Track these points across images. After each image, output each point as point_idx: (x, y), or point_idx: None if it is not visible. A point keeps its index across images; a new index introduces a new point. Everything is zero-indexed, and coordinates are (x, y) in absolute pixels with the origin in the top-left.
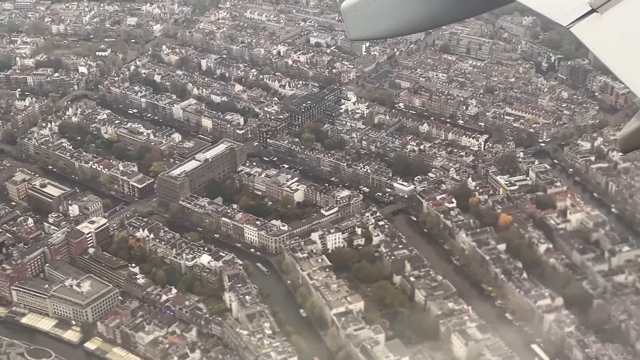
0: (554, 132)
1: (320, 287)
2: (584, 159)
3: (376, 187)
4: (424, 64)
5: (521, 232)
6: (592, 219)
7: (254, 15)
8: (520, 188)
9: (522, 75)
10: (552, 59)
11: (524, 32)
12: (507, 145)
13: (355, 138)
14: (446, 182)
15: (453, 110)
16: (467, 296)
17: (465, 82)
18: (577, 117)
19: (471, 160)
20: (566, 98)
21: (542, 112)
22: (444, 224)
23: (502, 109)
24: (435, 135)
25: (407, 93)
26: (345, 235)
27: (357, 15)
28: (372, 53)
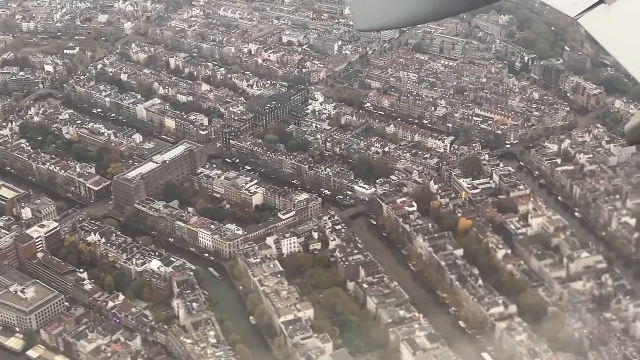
0: (521, 133)
1: (270, 294)
2: (550, 162)
3: (337, 189)
4: (395, 63)
5: (480, 237)
6: (553, 224)
7: (228, 13)
8: (483, 191)
9: (493, 75)
10: (526, 58)
11: (500, 31)
12: (473, 147)
13: (320, 139)
14: (408, 185)
15: (421, 111)
16: (422, 303)
17: (436, 82)
18: (546, 119)
19: (435, 162)
20: (537, 99)
21: (511, 113)
22: (402, 228)
23: (471, 110)
24: (402, 137)
25: (375, 93)
26: (302, 239)
27: (363, 6)
28: (344, 52)
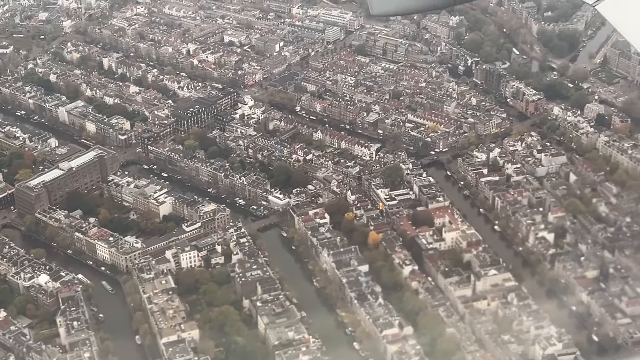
0: (452, 141)
1: (156, 312)
2: (476, 172)
3: (252, 199)
4: (335, 65)
5: (388, 252)
6: (467, 238)
7: (172, 11)
8: (401, 203)
9: (433, 79)
10: (469, 62)
11: (448, 32)
12: (398, 155)
13: (242, 146)
14: (324, 196)
15: (353, 117)
16: (318, 323)
17: (373, 87)
18: (480, 126)
19: (357, 171)
20: (474, 105)
21: (444, 120)
22: (311, 241)
23: (404, 116)
24: (329, 144)
25: (309, 97)
26: (204, 253)
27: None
28: (283, 54)
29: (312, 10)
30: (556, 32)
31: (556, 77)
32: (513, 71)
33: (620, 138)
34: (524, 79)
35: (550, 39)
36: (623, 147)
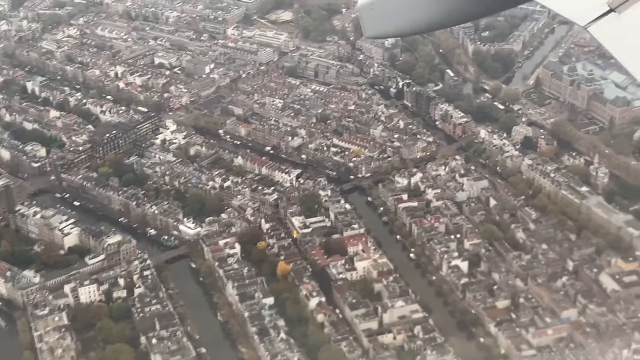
0: (375, 166)
1: (45, 351)
2: (395, 197)
3: (164, 229)
4: (265, 88)
5: (296, 283)
6: (378, 268)
7: (105, 33)
8: (315, 231)
9: (363, 102)
10: (400, 84)
11: (383, 53)
12: (318, 181)
13: (159, 172)
14: (237, 224)
15: (277, 141)
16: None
17: (301, 110)
18: (404, 150)
19: (275, 198)
20: (401, 128)
21: (370, 144)
22: (218, 273)
23: (329, 140)
24: (249, 169)
25: (233, 121)
26: (106, 286)
27: (373, 13)
28: (212, 76)
29: (248, 31)
30: (491, 53)
31: (486, 99)
32: (444, 93)
33: (544, 161)
34: (455, 101)
35: (485, 59)
36: (546, 171)
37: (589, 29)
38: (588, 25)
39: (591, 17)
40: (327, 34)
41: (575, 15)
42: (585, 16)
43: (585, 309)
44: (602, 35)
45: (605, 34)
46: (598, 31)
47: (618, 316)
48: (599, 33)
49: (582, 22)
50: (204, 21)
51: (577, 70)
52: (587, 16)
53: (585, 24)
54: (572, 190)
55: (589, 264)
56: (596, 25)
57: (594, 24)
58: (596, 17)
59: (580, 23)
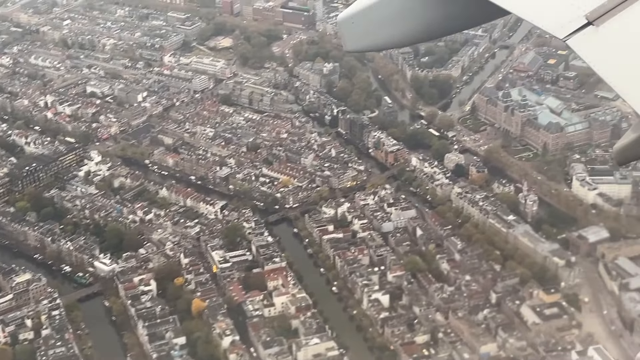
0: (303, 196)
1: None
2: (320, 229)
3: (79, 265)
4: (197, 116)
5: (210, 321)
6: (296, 303)
7: (38, 61)
8: (235, 265)
9: (296, 130)
10: (335, 111)
11: (320, 80)
12: (243, 213)
13: (79, 206)
14: (154, 260)
15: (205, 171)
16: None
17: (232, 138)
18: (334, 179)
19: (197, 231)
20: (333, 156)
21: (299, 173)
22: (130, 311)
23: (258, 170)
24: (174, 201)
25: (161, 151)
26: (12, 328)
27: (353, 28)
28: (144, 104)
29: (185, 58)
30: (429, 79)
31: (419, 126)
32: (379, 120)
33: (473, 189)
34: (389, 128)
35: (423, 85)
36: (474, 199)
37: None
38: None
39: (569, 30)
40: (265, 61)
41: (553, 29)
42: (564, 29)
43: (505, 343)
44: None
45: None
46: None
47: (538, 350)
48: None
49: (560, 35)
50: (141, 48)
51: (512, 96)
52: (565, 29)
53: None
54: (499, 219)
55: (512, 296)
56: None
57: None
58: (574, 30)
59: (558, 36)
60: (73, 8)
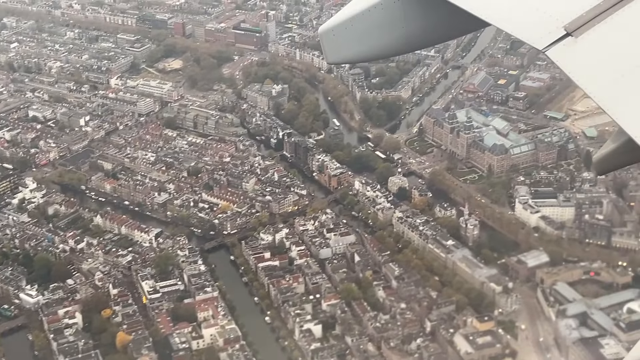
0: (242, 222)
1: None
2: (256, 256)
3: (5, 297)
4: (140, 140)
5: (134, 355)
6: (225, 335)
7: None
8: (165, 295)
9: (239, 154)
10: (281, 134)
11: (268, 102)
12: (177, 240)
13: (9, 235)
14: (82, 291)
15: (143, 197)
16: None
17: (173, 163)
18: (274, 204)
19: (128, 260)
20: (276, 180)
21: (239, 199)
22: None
23: (197, 195)
24: (109, 229)
25: (99, 177)
26: None
27: (334, 40)
28: (85, 129)
29: (132, 81)
30: (379, 100)
31: (364, 149)
32: (325, 143)
33: (414, 213)
34: (334, 151)
35: (371, 107)
36: (415, 223)
37: (547, 52)
38: (545, 49)
39: (548, 41)
40: (215, 83)
41: (532, 40)
42: (543, 40)
43: None
44: (560, 59)
45: (563, 57)
46: (555, 55)
47: None
48: (557, 57)
49: (539, 46)
50: (88, 71)
51: (457, 117)
52: (544, 40)
53: (542, 48)
54: (438, 244)
55: (447, 324)
56: (553, 50)
57: (551, 48)
58: (553, 41)
59: (537, 47)
60: (22, 31)
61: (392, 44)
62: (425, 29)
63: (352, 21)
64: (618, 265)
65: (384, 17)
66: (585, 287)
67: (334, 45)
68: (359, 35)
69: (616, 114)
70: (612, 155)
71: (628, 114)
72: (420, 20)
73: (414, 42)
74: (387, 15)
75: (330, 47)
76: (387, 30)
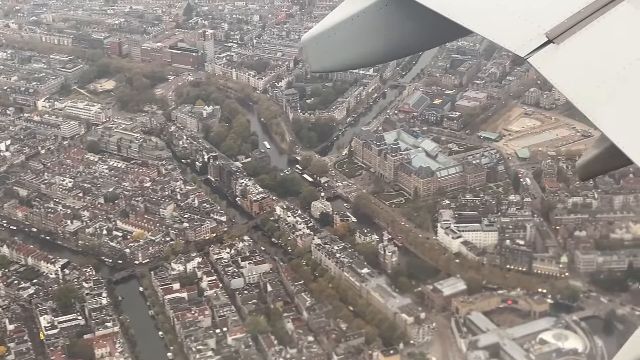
0: (154, 251)
1: None
2: (164, 287)
3: None
4: (60, 165)
5: None
6: None
7: None
8: (64, 330)
9: (162, 178)
10: (206, 157)
11: (197, 124)
12: (84, 272)
13: None
14: None
15: (54, 226)
16: None
17: (91, 189)
18: (190, 232)
19: (30, 293)
20: (195, 206)
21: (155, 226)
22: None
23: (112, 223)
24: (15, 259)
25: (12, 204)
26: None
27: (317, 48)
28: (4, 154)
29: (60, 103)
30: (311, 121)
31: (289, 172)
32: (251, 166)
33: (333, 240)
34: (260, 175)
35: (303, 128)
36: (332, 250)
37: (529, 59)
38: (528, 56)
39: (530, 48)
40: (146, 104)
41: (515, 47)
42: (525, 47)
43: None
44: (542, 66)
45: (545, 64)
46: (537, 62)
47: None
48: (538, 64)
49: (521, 53)
50: (15, 93)
51: (385, 139)
52: (527, 47)
53: (524, 55)
54: (353, 272)
55: (353, 358)
56: (535, 56)
57: (533, 55)
58: (535, 48)
59: (520, 54)
60: None
61: (375, 51)
62: (409, 37)
63: (335, 29)
64: (537, 293)
65: (367, 25)
66: (501, 316)
67: (317, 53)
68: (342, 43)
69: (598, 119)
70: (594, 160)
71: (609, 120)
72: (403, 28)
73: (397, 50)
74: (370, 23)
75: (314, 56)
76: (370, 39)
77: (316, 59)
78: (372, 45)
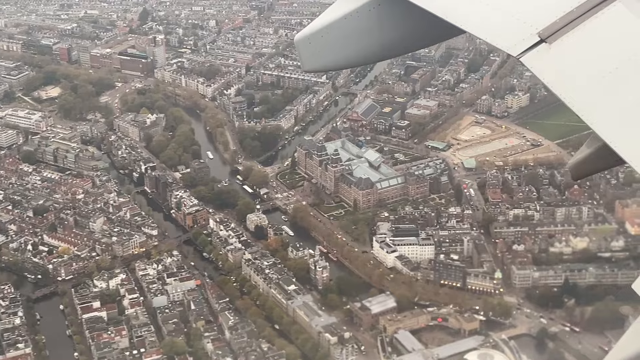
0: (79, 267)
1: None
2: (83, 305)
3: None
4: None
5: None
6: None
7: None
8: None
9: (95, 190)
10: (143, 168)
11: (139, 133)
12: (2, 289)
13: None
14: None
15: None
16: None
17: (21, 201)
18: (118, 247)
19: None
20: (127, 219)
21: (82, 241)
22: None
23: (37, 237)
24: None
25: None
26: None
27: (310, 47)
28: None
29: (0, 111)
30: (257, 130)
31: (227, 183)
32: (189, 177)
33: (264, 255)
34: (197, 186)
35: (247, 138)
36: (262, 266)
37: (522, 59)
38: (520, 55)
39: (522, 47)
40: (90, 112)
41: (507, 47)
42: (517, 47)
43: None
44: (534, 66)
45: (537, 64)
46: (530, 61)
47: None
48: (531, 63)
49: (514, 52)
50: None
51: (327, 149)
52: (519, 47)
53: (517, 55)
54: (280, 289)
55: None
56: (528, 56)
57: (525, 55)
58: (527, 47)
59: (512, 53)
60: None
61: (368, 51)
62: (401, 36)
63: (328, 29)
64: (469, 309)
65: (360, 24)
66: (430, 335)
67: (310, 53)
68: (335, 43)
69: (590, 119)
70: (586, 160)
71: (602, 120)
72: (397, 27)
73: (390, 50)
74: (363, 23)
75: (307, 55)
76: (363, 38)
77: (308, 58)
78: (365, 44)
